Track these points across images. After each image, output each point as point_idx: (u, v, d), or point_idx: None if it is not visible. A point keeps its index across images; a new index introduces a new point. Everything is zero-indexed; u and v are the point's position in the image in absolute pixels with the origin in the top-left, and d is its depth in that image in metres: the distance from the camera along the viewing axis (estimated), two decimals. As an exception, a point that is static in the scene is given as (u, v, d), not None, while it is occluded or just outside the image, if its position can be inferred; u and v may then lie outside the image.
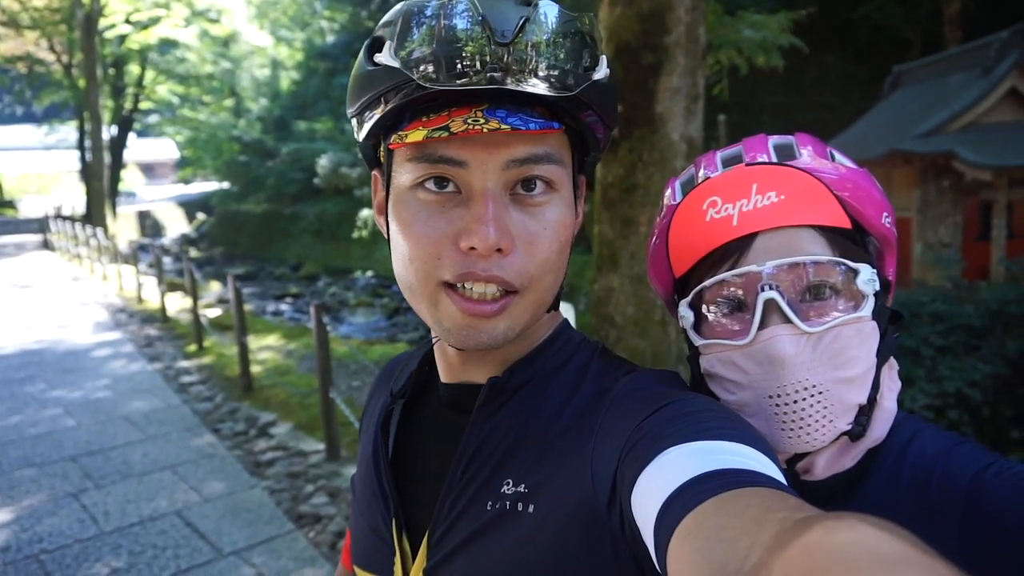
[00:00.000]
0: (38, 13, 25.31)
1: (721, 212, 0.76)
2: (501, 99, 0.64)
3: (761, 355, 0.73)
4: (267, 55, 30.95)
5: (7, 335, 9.03)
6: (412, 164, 0.65)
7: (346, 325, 14.13)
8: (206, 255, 25.30)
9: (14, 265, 16.41)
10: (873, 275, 0.75)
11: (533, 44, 0.61)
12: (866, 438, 0.77)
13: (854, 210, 0.76)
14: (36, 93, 29.50)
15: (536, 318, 0.71)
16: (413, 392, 0.82)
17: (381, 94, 0.65)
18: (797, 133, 0.83)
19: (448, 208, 0.65)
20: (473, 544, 0.69)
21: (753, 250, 0.74)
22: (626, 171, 3.86)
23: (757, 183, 0.75)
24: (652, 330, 3.85)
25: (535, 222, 0.66)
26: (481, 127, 0.60)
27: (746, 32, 4.65)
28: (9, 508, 4.20)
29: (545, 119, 0.64)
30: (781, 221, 0.74)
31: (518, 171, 0.64)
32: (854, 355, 0.73)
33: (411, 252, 0.67)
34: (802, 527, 0.37)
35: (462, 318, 0.66)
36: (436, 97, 0.64)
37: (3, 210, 36.38)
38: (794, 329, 0.72)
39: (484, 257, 0.64)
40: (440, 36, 0.61)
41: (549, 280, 0.69)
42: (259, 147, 26.12)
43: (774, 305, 0.73)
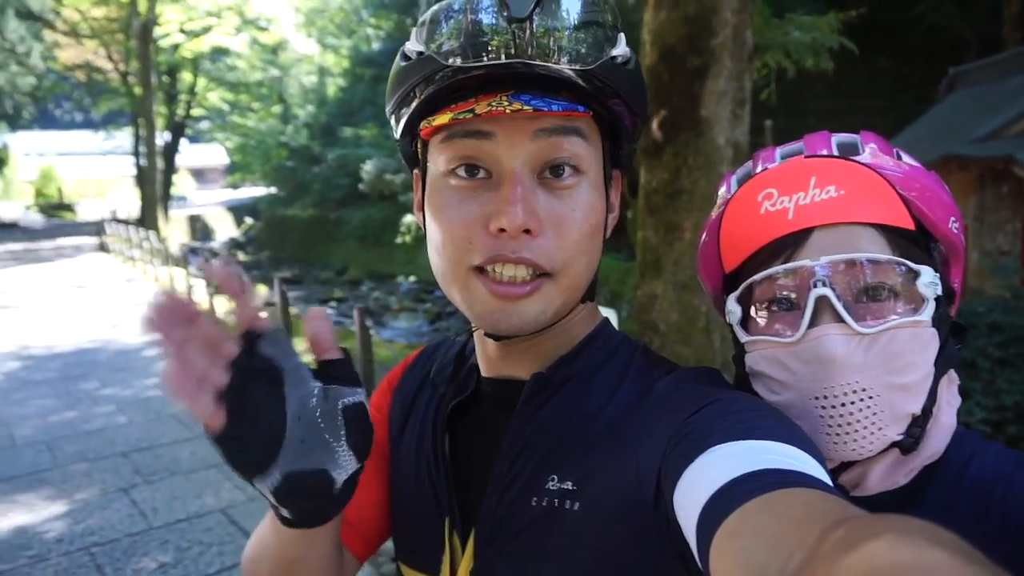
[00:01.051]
0: (97, 23, 26.28)
1: (776, 205, 0.72)
2: (526, 85, 0.64)
3: (809, 354, 0.70)
4: (314, 62, 31.56)
5: (64, 334, 9.36)
6: (444, 146, 0.67)
7: (389, 329, 14.27)
8: (253, 259, 25.87)
9: (72, 266, 17.02)
10: (935, 278, 0.71)
11: (550, 23, 0.63)
12: (920, 453, 0.73)
13: (919, 211, 0.72)
14: (94, 100, 30.61)
15: (568, 304, 0.71)
16: (463, 388, 0.82)
17: (413, 86, 0.67)
18: (862, 131, 0.80)
19: (479, 193, 0.66)
20: (519, 541, 0.69)
21: (808, 246, 0.71)
22: (671, 176, 3.81)
23: (816, 176, 0.72)
24: (696, 337, 3.79)
25: (563, 204, 0.67)
26: (505, 108, 0.61)
27: (794, 34, 4.55)
28: (64, 501, 4.34)
29: (570, 103, 0.64)
30: (839, 217, 0.70)
31: (547, 144, 0.65)
32: (910, 361, 0.69)
33: (444, 237, 0.68)
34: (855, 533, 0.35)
35: (493, 301, 0.67)
36: (464, 85, 0.65)
37: (62, 213, 37.82)
38: (846, 329, 0.69)
39: (513, 239, 0.64)
40: (463, 21, 0.64)
41: (581, 264, 0.69)
42: (306, 153, 26.61)
43: (826, 303, 0.69)
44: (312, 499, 0.60)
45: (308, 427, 0.57)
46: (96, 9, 25.89)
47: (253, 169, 30.94)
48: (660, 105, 3.83)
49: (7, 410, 6.22)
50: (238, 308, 0.54)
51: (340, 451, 0.59)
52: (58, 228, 30.01)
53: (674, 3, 3.72)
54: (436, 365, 0.88)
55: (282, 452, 0.56)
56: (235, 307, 0.54)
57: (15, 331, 9.55)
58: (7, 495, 4.45)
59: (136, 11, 22.97)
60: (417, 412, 0.86)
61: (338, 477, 0.60)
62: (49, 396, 6.61)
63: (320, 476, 0.59)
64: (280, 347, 0.57)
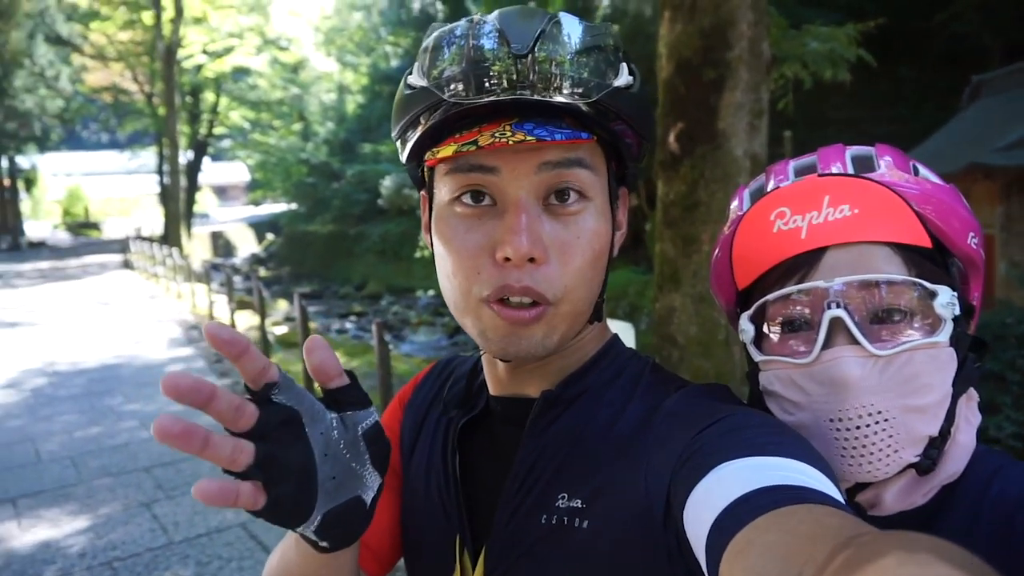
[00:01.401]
0: (123, 46, 26.91)
1: (789, 224, 0.72)
2: (529, 113, 0.65)
3: (823, 376, 0.69)
4: (334, 80, 32.01)
5: (89, 350, 9.50)
6: (449, 177, 0.68)
7: (408, 343, 14.32)
8: (274, 274, 26.11)
9: (97, 283, 17.31)
10: (953, 298, 0.69)
11: (552, 55, 0.63)
12: (938, 473, 0.71)
13: (936, 228, 0.71)
14: (120, 121, 31.30)
15: (573, 328, 0.71)
16: (473, 407, 0.82)
17: (418, 115, 0.68)
18: (878, 144, 0.78)
19: (485, 221, 0.67)
20: (530, 559, 0.69)
21: (822, 266, 0.70)
22: (688, 188, 3.80)
23: (830, 195, 0.71)
24: (716, 351, 3.75)
25: (568, 232, 0.67)
26: (508, 139, 0.61)
27: (812, 45, 4.53)
28: (87, 515, 4.38)
29: (573, 129, 0.64)
30: (853, 236, 0.69)
31: (551, 176, 0.65)
32: (926, 383, 0.68)
33: (452, 267, 0.69)
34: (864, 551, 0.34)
35: (504, 327, 0.67)
36: (468, 115, 0.66)
37: (88, 231, 38.54)
38: (861, 351, 0.67)
39: (518, 267, 0.64)
40: (464, 55, 0.64)
41: (582, 292, 0.69)
42: (326, 169, 26.91)
43: (841, 324, 0.68)
44: (349, 525, 0.61)
45: (336, 462, 0.58)
46: (122, 33, 26.51)
47: (274, 186, 31.34)
48: (677, 118, 3.83)
49: (34, 426, 6.31)
50: (245, 367, 0.53)
51: (367, 474, 0.61)
52: (84, 246, 30.59)
53: (690, 16, 3.72)
54: (448, 383, 0.88)
55: (319, 496, 0.57)
56: (241, 367, 0.53)
57: (42, 348, 9.71)
58: (33, 510, 4.50)
59: (161, 34, 23.46)
60: (428, 429, 0.86)
61: (368, 497, 0.62)
62: (74, 412, 6.70)
63: (355, 503, 0.60)
64: (292, 391, 0.56)
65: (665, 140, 3.89)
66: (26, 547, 3.99)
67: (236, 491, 0.51)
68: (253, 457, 0.53)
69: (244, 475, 0.53)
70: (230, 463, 0.51)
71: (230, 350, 0.52)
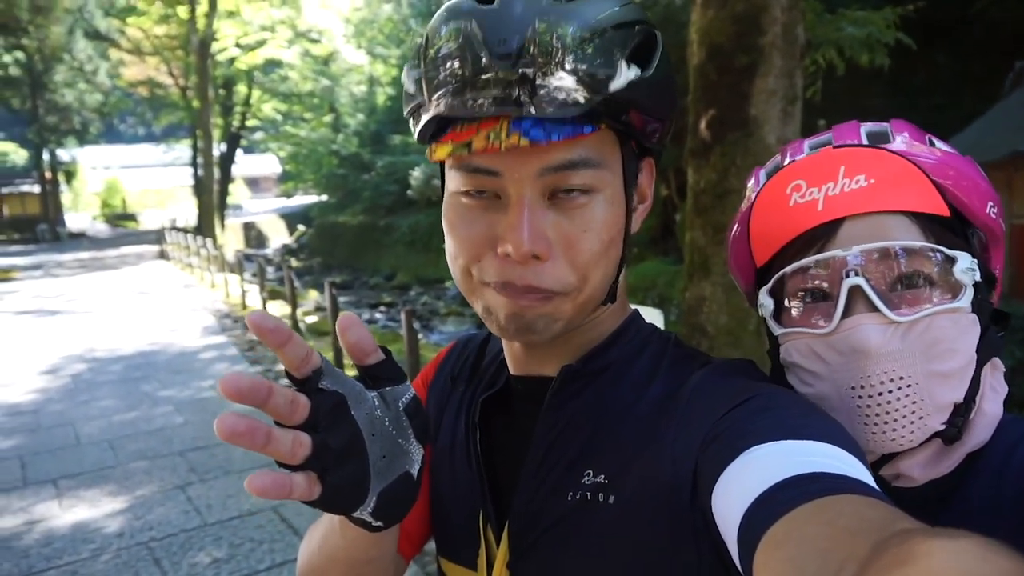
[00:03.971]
0: (159, 40, 27.35)
1: (806, 196, 0.71)
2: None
3: (843, 344, 0.68)
4: (364, 72, 32.14)
5: (127, 338, 9.72)
6: (454, 172, 0.67)
7: (436, 333, 14.39)
8: (305, 265, 26.42)
9: (134, 273, 17.69)
10: (973, 264, 0.68)
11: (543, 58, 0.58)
12: (964, 443, 0.71)
13: (954, 198, 0.70)
14: (156, 114, 31.85)
15: (583, 314, 0.70)
16: (493, 384, 0.82)
17: (419, 105, 0.66)
18: (893, 120, 0.77)
19: (489, 212, 0.66)
20: (555, 535, 0.69)
21: (839, 236, 0.69)
22: (719, 176, 3.75)
23: (845, 166, 0.70)
24: (746, 340, 3.71)
25: (574, 225, 0.64)
26: (500, 144, 0.59)
27: (848, 29, 4.43)
28: (124, 497, 4.50)
29: (576, 125, 0.60)
30: (870, 206, 0.68)
31: (553, 178, 0.63)
32: (949, 347, 0.67)
33: (455, 252, 0.69)
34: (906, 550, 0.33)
35: (509, 306, 0.66)
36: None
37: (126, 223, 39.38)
38: (881, 318, 0.67)
39: (521, 264, 0.63)
40: (452, 53, 0.61)
41: (596, 278, 0.67)
42: (356, 161, 27.11)
43: (860, 293, 0.67)
44: (401, 501, 0.61)
45: (384, 440, 0.58)
46: (158, 27, 26.94)
47: (305, 177, 31.69)
48: (708, 104, 3.78)
49: (74, 410, 6.49)
50: (288, 355, 0.52)
51: (412, 448, 0.61)
52: (122, 237, 31.29)
53: (722, 1, 3.66)
54: (468, 360, 0.89)
55: (372, 477, 0.57)
56: (284, 355, 0.52)
57: (82, 335, 9.96)
58: (73, 491, 4.64)
59: (195, 28, 23.82)
60: (451, 408, 0.86)
61: (415, 471, 0.61)
62: (112, 397, 6.87)
63: (405, 479, 0.60)
64: (335, 375, 0.55)
65: (696, 127, 3.85)
66: (66, 526, 4.11)
67: (290, 484, 0.51)
68: (311, 449, 0.52)
69: (300, 467, 0.52)
70: (291, 457, 0.51)
71: (273, 339, 0.51)
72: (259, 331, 0.50)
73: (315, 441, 0.53)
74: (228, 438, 0.47)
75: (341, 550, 0.74)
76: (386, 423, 0.58)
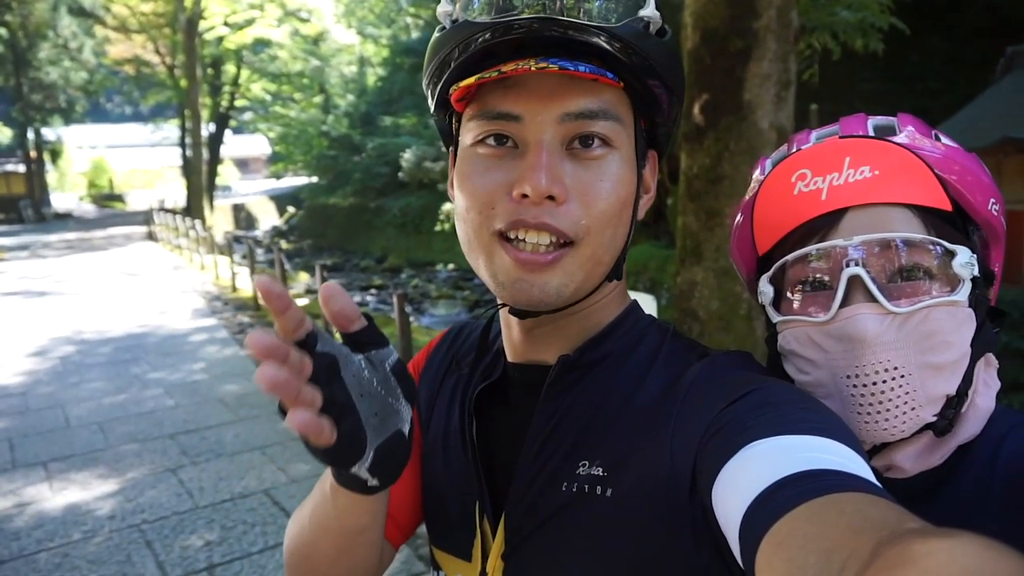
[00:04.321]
0: (145, 18, 26.94)
1: (810, 186, 0.72)
2: (556, 50, 0.64)
3: (841, 333, 0.69)
4: (354, 52, 31.85)
5: (115, 320, 9.65)
6: (473, 123, 0.67)
7: (427, 316, 14.39)
8: (296, 247, 26.30)
9: (122, 255, 17.55)
10: (972, 259, 0.69)
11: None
12: (955, 435, 0.72)
13: (957, 193, 0.70)
14: (143, 93, 31.47)
15: (592, 278, 0.69)
16: (490, 373, 0.81)
17: (447, 54, 0.67)
18: (900, 114, 0.78)
19: (506, 161, 0.66)
20: (551, 526, 0.69)
21: (841, 227, 0.70)
22: (712, 161, 3.75)
23: (850, 156, 0.70)
24: (737, 325, 3.72)
25: (590, 174, 0.66)
26: (531, 67, 0.60)
27: (842, 14, 4.42)
28: (115, 480, 4.49)
29: (600, 68, 0.63)
30: (873, 197, 0.69)
31: (574, 125, 0.65)
32: (945, 340, 0.68)
33: (468, 203, 0.68)
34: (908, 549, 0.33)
35: (516, 270, 0.66)
36: (495, 51, 0.65)
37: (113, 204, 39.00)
38: (879, 308, 0.67)
39: (536, 204, 0.64)
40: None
41: (607, 235, 0.67)
42: (346, 142, 26.90)
43: (859, 283, 0.68)
44: (395, 460, 0.63)
45: (374, 399, 0.60)
46: (144, 4, 26.52)
47: (295, 159, 31.40)
48: (702, 89, 3.77)
49: (63, 392, 6.45)
50: (288, 319, 0.54)
51: (401, 407, 0.63)
52: (109, 218, 31.02)
53: (717, -16, 3.63)
54: (461, 348, 0.88)
55: (368, 433, 0.58)
56: (283, 320, 0.55)
57: (70, 317, 9.89)
58: (63, 473, 4.62)
59: (182, 5, 23.47)
60: (444, 396, 0.86)
61: (405, 429, 0.64)
62: (101, 379, 6.84)
63: (398, 437, 0.63)
64: (326, 339, 0.58)
65: (690, 112, 3.83)
66: (57, 509, 4.11)
67: (320, 425, 0.53)
68: (321, 401, 0.55)
69: None
70: (310, 405, 0.53)
71: (278, 303, 0.53)
72: (266, 294, 0.52)
73: (323, 394, 0.55)
74: (270, 388, 0.49)
75: (332, 519, 0.74)
76: (374, 383, 0.60)
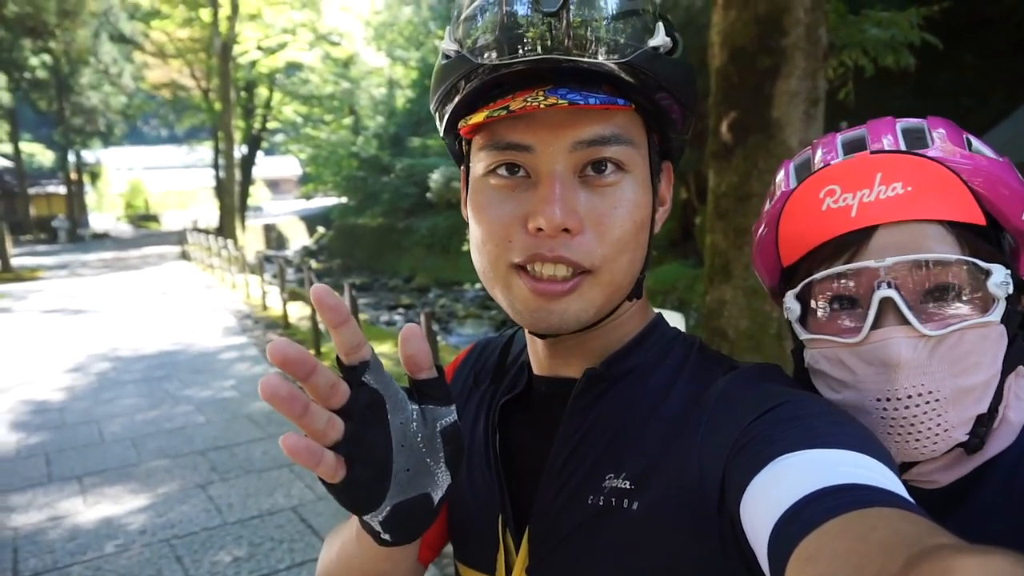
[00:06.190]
0: (182, 43, 27.73)
1: (839, 202, 0.70)
2: (565, 79, 0.63)
3: (872, 356, 0.68)
4: (384, 75, 32.32)
5: (149, 337, 9.83)
6: (484, 152, 0.67)
7: (455, 336, 14.41)
8: (325, 266, 26.59)
9: (156, 274, 17.91)
10: (1007, 277, 0.67)
11: (587, 18, 0.61)
12: (985, 451, 0.71)
13: (989, 204, 0.69)
14: (178, 116, 32.30)
15: (611, 303, 0.69)
16: (514, 386, 0.81)
17: (453, 84, 0.67)
18: (929, 117, 0.76)
19: (519, 192, 0.66)
20: (576, 539, 0.68)
21: (872, 245, 0.69)
22: (740, 179, 3.73)
23: (882, 172, 0.69)
24: (767, 344, 3.68)
25: (605, 202, 0.65)
26: (539, 103, 0.60)
27: (872, 31, 4.38)
28: (146, 495, 4.55)
29: (610, 96, 0.62)
30: (905, 215, 0.67)
31: (586, 153, 0.64)
32: (976, 361, 0.66)
33: (484, 236, 0.68)
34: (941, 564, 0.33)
35: (534, 300, 0.66)
36: (502, 82, 0.64)
37: (148, 224, 39.89)
38: (911, 331, 0.66)
39: (552, 237, 0.63)
40: (497, 20, 0.63)
41: (624, 261, 0.67)
42: (376, 163, 27.24)
43: (891, 304, 0.67)
44: (415, 521, 0.59)
45: (411, 454, 0.57)
46: (181, 30, 27.30)
47: (325, 179, 31.89)
48: (730, 107, 3.76)
49: (98, 408, 6.58)
50: (343, 337, 0.53)
51: (439, 472, 0.59)
52: (145, 238, 31.69)
53: (744, 3, 3.64)
54: (486, 363, 0.88)
55: (391, 486, 0.56)
56: (340, 335, 0.52)
57: (106, 334, 10.10)
58: (97, 488, 4.70)
59: (217, 31, 24.09)
60: (469, 410, 0.85)
61: (436, 496, 0.60)
62: (135, 396, 6.95)
63: (423, 500, 0.59)
64: (381, 374, 0.55)
65: (718, 130, 3.82)
66: (91, 523, 4.17)
67: (320, 456, 0.51)
68: (342, 433, 0.53)
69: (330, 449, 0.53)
70: (321, 435, 0.52)
71: (333, 316, 0.51)
72: (320, 305, 0.51)
73: (347, 428, 0.53)
74: (269, 398, 0.48)
75: (356, 559, 0.74)
76: (418, 439, 0.57)
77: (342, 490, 0.54)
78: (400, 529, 0.59)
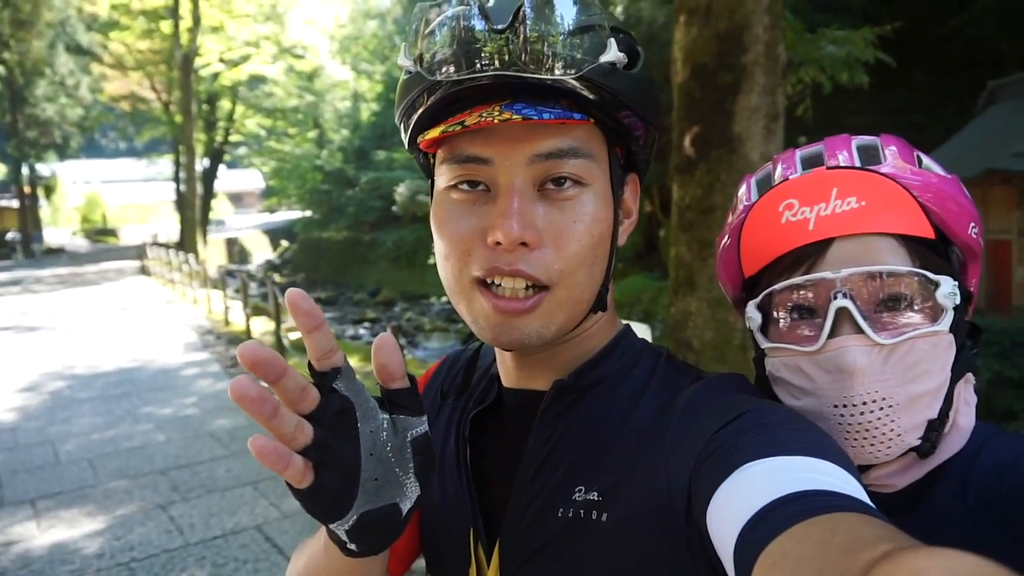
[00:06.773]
0: (142, 55, 27.28)
1: (798, 215, 0.74)
2: (522, 94, 0.64)
3: (830, 364, 0.71)
4: (348, 88, 32.22)
5: (107, 354, 9.58)
6: (445, 166, 0.68)
7: (421, 349, 14.32)
8: (289, 280, 26.24)
9: (114, 289, 17.48)
10: (954, 288, 0.72)
11: (542, 34, 0.62)
12: (938, 455, 0.74)
13: (938, 218, 0.73)
14: (138, 129, 31.67)
15: (573, 318, 0.69)
16: (484, 399, 0.81)
17: (414, 99, 0.67)
18: (883, 134, 0.80)
19: (479, 206, 0.66)
20: (546, 552, 0.68)
21: (828, 257, 0.72)
22: (703, 192, 3.79)
23: (838, 187, 0.73)
24: (731, 355, 3.73)
25: (564, 216, 0.65)
26: (494, 118, 0.60)
27: (828, 48, 4.51)
28: (104, 517, 4.42)
29: (566, 110, 0.63)
30: (860, 228, 0.71)
31: (544, 167, 0.65)
32: (927, 369, 0.70)
33: (446, 250, 0.69)
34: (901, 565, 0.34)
35: (495, 316, 0.66)
36: (460, 98, 0.65)
37: (106, 238, 38.96)
38: (866, 340, 0.69)
39: (509, 251, 0.64)
40: (452, 35, 0.64)
41: (582, 275, 0.67)
42: (340, 176, 27.09)
43: (846, 314, 0.70)
44: (382, 532, 0.59)
45: (380, 464, 0.56)
46: (141, 42, 26.88)
47: (289, 193, 31.58)
48: (693, 122, 3.83)
49: (52, 428, 6.37)
50: (316, 342, 0.53)
51: (408, 482, 0.59)
52: (102, 252, 30.94)
53: (705, 20, 3.72)
54: (457, 377, 0.88)
55: (359, 495, 0.56)
56: (312, 341, 0.53)
57: (61, 352, 9.81)
58: (52, 511, 4.55)
59: (178, 43, 23.78)
60: (440, 423, 0.85)
61: (404, 507, 0.59)
62: (92, 414, 6.76)
63: (391, 510, 0.58)
64: (352, 382, 0.55)
65: (680, 144, 3.89)
66: (44, 547, 4.03)
67: (288, 460, 0.51)
68: (311, 438, 0.53)
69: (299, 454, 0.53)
70: (290, 439, 0.51)
71: (307, 320, 0.52)
72: (294, 309, 0.51)
73: (316, 433, 0.53)
74: (238, 399, 0.48)
75: (323, 570, 0.73)
76: (388, 448, 0.57)
77: (309, 496, 0.54)
78: (367, 539, 0.58)
